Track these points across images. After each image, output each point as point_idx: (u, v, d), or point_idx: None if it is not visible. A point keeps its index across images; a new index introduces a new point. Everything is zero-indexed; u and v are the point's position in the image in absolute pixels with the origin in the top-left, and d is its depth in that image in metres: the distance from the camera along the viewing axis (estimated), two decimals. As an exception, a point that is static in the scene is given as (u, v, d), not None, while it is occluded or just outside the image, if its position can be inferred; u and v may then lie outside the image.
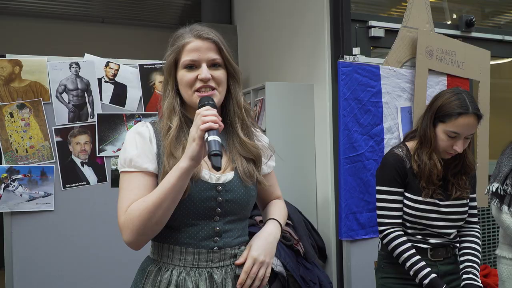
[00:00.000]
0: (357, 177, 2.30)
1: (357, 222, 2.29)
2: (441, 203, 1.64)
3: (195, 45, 1.16)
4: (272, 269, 2.51)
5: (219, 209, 1.15)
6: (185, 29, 1.20)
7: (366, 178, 2.32)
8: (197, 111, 1.07)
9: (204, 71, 1.14)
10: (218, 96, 1.17)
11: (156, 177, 1.13)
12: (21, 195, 2.10)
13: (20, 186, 2.10)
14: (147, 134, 1.16)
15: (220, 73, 1.17)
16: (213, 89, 1.16)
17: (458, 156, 1.65)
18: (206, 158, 1.12)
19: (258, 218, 2.65)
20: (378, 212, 1.65)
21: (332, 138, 3.00)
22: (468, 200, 1.69)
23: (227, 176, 1.17)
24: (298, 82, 3.38)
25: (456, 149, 1.59)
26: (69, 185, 2.18)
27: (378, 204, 1.65)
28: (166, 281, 1.13)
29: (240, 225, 1.20)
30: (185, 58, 1.16)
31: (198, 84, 1.15)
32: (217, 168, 0.99)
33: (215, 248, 1.15)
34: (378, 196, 1.66)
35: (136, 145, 1.14)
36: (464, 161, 1.67)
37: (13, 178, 2.10)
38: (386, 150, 2.39)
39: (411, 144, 1.71)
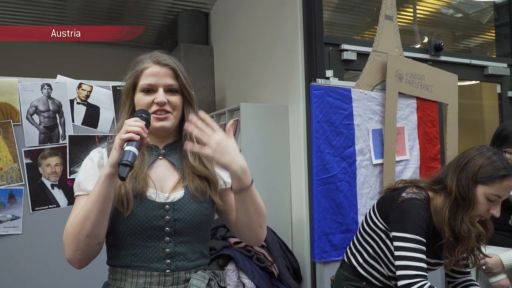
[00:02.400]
0: (330, 198, 2.32)
1: (330, 244, 2.30)
2: (431, 260, 1.59)
3: (153, 70, 1.21)
4: (246, 291, 2.49)
5: (167, 228, 1.15)
6: (145, 55, 1.26)
7: (338, 200, 2.34)
8: (126, 120, 1.11)
9: (160, 95, 1.19)
10: (172, 120, 1.22)
11: None
12: (-13, 219, 2.04)
13: (-14, 210, 2.05)
14: (97, 158, 1.21)
15: (176, 99, 1.22)
16: (167, 112, 1.20)
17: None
18: (153, 176, 1.18)
19: (233, 240, 2.64)
20: (403, 262, 1.44)
21: (306, 159, 3.04)
22: None
23: (176, 194, 1.18)
24: (273, 103, 3.42)
25: (493, 213, 1.49)
26: (38, 208, 2.13)
27: (403, 253, 1.45)
28: None
29: (195, 247, 1.20)
30: (143, 82, 1.21)
31: (154, 107, 1.20)
32: (121, 178, 1.01)
33: (167, 271, 1.15)
34: (402, 244, 1.47)
35: (85, 169, 1.20)
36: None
37: (-20, 201, 2.04)
38: (358, 172, 2.43)
39: (436, 200, 1.57)
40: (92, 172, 1.18)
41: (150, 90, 1.21)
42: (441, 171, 1.64)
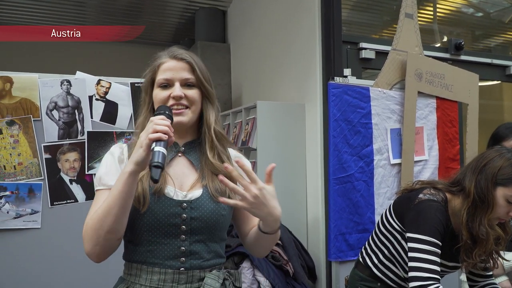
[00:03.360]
0: (347, 198, 2.30)
1: (346, 243, 2.28)
2: (449, 263, 1.57)
3: (170, 65, 1.21)
4: (261, 290, 2.49)
5: (183, 226, 1.13)
6: (163, 52, 1.26)
7: (355, 199, 2.32)
8: (152, 118, 1.09)
9: (176, 89, 1.19)
10: (189, 115, 1.21)
11: None
12: (7, 212, 2.07)
13: (7, 203, 2.08)
14: (118, 154, 1.21)
15: (193, 93, 1.21)
16: (186, 107, 1.20)
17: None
18: (172, 174, 1.17)
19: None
20: (416, 264, 1.41)
21: (322, 158, 3.01)
22: None
23: (195, 193, 1.16)
24: (289, 102, 3.40)
25: None
26: (57, 203, 2.16)
27: (417, 254, 1.43)
28: None
29: (211, 247, 1.18)
30: (160, 76, 1.21)
31: (171, 102, 1.19)
32: (155, 181, 1.00)
33: (181, 269, 1.14)
34: (416, 245, 1.44)
35: (106, 164, 1.20)
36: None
37: (0, 195, 2.07)
38: (376, 172, 2.40)
39: (454, 202, 1.54)
40: (113, 167, 1.18)
41: (167, 85, 1.20)
42: (459, 172, 1.61)
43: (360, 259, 1.76)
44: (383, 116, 2.45)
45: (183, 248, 1.14)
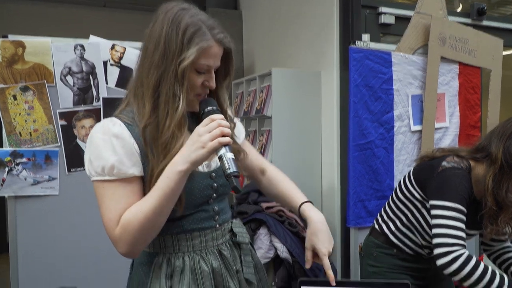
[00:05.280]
0: (366, 164, 2.26)
1: (365, 210, 2.26)
2: (471, 232, 1.54)
3: (215, 51, 1.07)
4: (278, 255, 2.49)
5: (215, 194, 1.15)
6: (199, 23, 1.06)
7: (375, 166, 2.28)
8: (213, 116, 1.01)
9: (213, 81, 1.09)
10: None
11: (142, 179, 1.06)
12: (25, 179, 2.06)
13: (24, 170, 2.06)
14: (126, 134, 1.04)
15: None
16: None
17: None
18: None
19: (264, 205, 2.62)
20: (442, 230, 1.39)
21: (338, 126, 2.97)
22: None
23: (214, 159, 1.15)
24: (305, 69, 3.33)
25: None
26: (74, 169, 2.14)
27: (442, 221, 1.40)
28: (180, 269, 1.10)
29: (226, 201, 1.24)
30: (204, 62, 1.05)
31: (201, 90, 1.09)
32: (238, 191, 0.98)
33: (217, 226, 1.18)
34: (442, 212, 1.41)
35: (114, 150, 1.02)
36: None
37: (17, 161, 2.06)
38: (396, 138, 2.36)
39: (478, 170, 1.49)
40: (124, 152, 1.02)
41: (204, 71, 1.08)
42: (483, 139, 1.56)
43: (376, 226, 1.74)
44: (404, 82, 2.38)
45: (216, 207, 1.17)
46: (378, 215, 1.76)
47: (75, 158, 2.14)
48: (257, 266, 1.28)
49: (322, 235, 1.16)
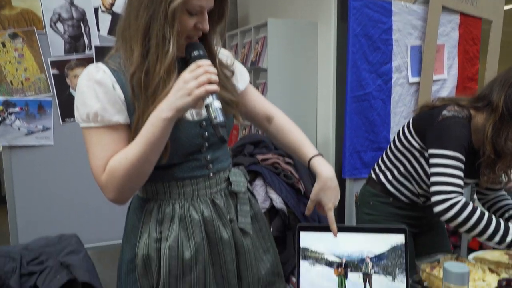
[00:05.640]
0: (363, 116, 2.26)
1: (361, 161, 2.28)
2: (468, 181, 1.55)
3: None
4: (273, 206, 2.52)
5: (206, 143, 1.12)
6: None
7: (372, 118, 2.28)
8: (199, 62, 0.97)
9: (206, 23, 1.03)
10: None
11: (128, 127, 1.04)
12: (19, 129, 2.03)
13: (17, 120, 2.03)
14: (108, 81, 1.00)
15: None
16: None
17: None
18: None
19: (260, 157, 2.63)
20: (440, 178, 1.40)
21: (335, 78, 2.94)
22: None
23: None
24: (302, 20, 3.25)
25: None
26: (68, 120, 2.11)
27: (440, 169, 1.40)
28: (169, 216, 1.10)
29: (224, 149, 1.19)
30: (195, 2, 0.99)
31: (193, 32, 1.04)
32: (224, 141, 0.96)
33: (210, 174, 1.14)
34: (441, 161, 1.41)
35: (97, 97, 0.99)
36: None
37: (10, 111, 2.02)
38: (393, 90, 2.34)
39: (478, 119, 1.48)
40: (108, 99, 1.00)
41: (196, 12, 1.02)
42: (484, 87, 1.55)
43: (373, 176, 1.75)
44: (404, 32, 2.33)
45: (209, 156, 1.14)
46: (375, 165, 1.77)
47: (68, 108, 2.11)
48: (256, 215, 1.27)
49: (329, 192, 1.17)
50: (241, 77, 1.26)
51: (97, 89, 1.00)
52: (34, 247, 1.72)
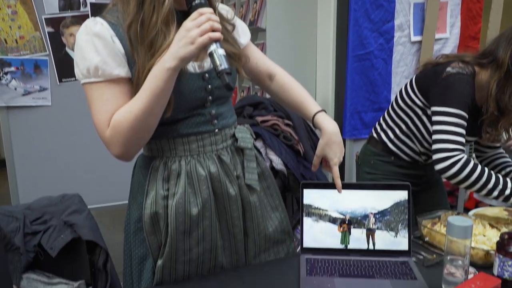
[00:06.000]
0: (364, 76, 2.23)
1: (361, 122, 2.27)
2: (469, 138, 1.55)
3: None
4: (273, 167, 2.53)
5: (210, 97, 1.10)
6: None
7: (373, 77, 2.26)
8: (201, 10, 0.94)
9: None
10: None
11: (130, 80, 1.02)
12: (15, 89, 2.00)
13: (13, 80, 1.99)
14: (107, 34, 0.98)
15: None
16: None
17: None
18: None
19: (260, 119, 2.61)
20: (442, 136, 1.39)
21: (335, 38, 2.88)
22: None
23: (208, 60, 1.07)
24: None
25: None
26: (65, 80, 2.08)
27: (443, 127, 1.39)
28: (176, 172, 1.09)
29: (229, 105, 1.18)
30: None
31: None
32: (230, 88, 0.94)
33: (216, 130, 1.13)
34: (443, 118, 1.40)
35: (96, 50, 0.97)
36: None
37: (5, 71, 1.98)
38: (395, 49, 2.31)
39: (482, 75, 1.46)
40: (107, 52, 0.98)
41: None
42: (490, 43, 1.51)
43: (374, 135, 1.75)
44: (407, -11, 2.28)
45: (213, 111, 1.12)
46: (377, 123, 1.77)
47: (65, 68, 2.07)
48: (264, 173, 1.25)
49: (334, 146, 1.17)
50: (243, 32, 1.23)
51: (96, 42, 0.98)
52: (36, 206, 1.72)
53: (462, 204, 2.68)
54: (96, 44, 0.98)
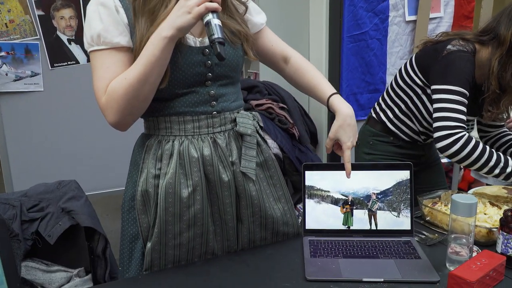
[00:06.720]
0: (360, 57, 2.22)
1: (357, 103, 2.27)
2: (469, 117, 1.54)
3: None
4: (269, 151, 2.53)
5: (210, 74, 1.08)
6: None
7: (368, 58, 2.24)
8: None
9: None
10: None
11: (131, 50, 1.03)
12: (6, 75, 1.96)
13: (4, 65, 1.95)
14: (111, 3, 1.02)
15: None
16: None
17: None
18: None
19: (254, 102, 2.60)
20: (444, 114, 1.38)
21: (327, 19, 2.85)
22: None
23: None
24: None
25: None
26: (57, 64, 2.03)
27: (444, 105, 1.38)
28: (169, 152, 1.09)
29: (234, 88, 1.16)
30: None
31: None
32: (222, 58, 0.93)
33: (214, 112, 1.11)
34: (444, 96, 1.39)
35: (100, 18, 1.01)
36: None
37: (-5, 56, 1.94)
38: (390, 29, 2.29)
39: (483, 53, 1.45)
40: (111, 21, 1.01)
41: None
42: (491, 19, 1.50)
43: (373, 115, 1.74)
44: (402, -32, 2.26)
45: (213, 92, 1.10)
46: (376, 104, 1.76)
47: (57, 52, 2.02)
48: (267, 161, 1.23)
49: (349, 129, 1.16)
50: (258, 14, 1.21)
51: (101, 10, 1.01)
52: (32, 194, 1.70)
53: (456, 185, 2.71)
54: (101, 13, 1.01)
